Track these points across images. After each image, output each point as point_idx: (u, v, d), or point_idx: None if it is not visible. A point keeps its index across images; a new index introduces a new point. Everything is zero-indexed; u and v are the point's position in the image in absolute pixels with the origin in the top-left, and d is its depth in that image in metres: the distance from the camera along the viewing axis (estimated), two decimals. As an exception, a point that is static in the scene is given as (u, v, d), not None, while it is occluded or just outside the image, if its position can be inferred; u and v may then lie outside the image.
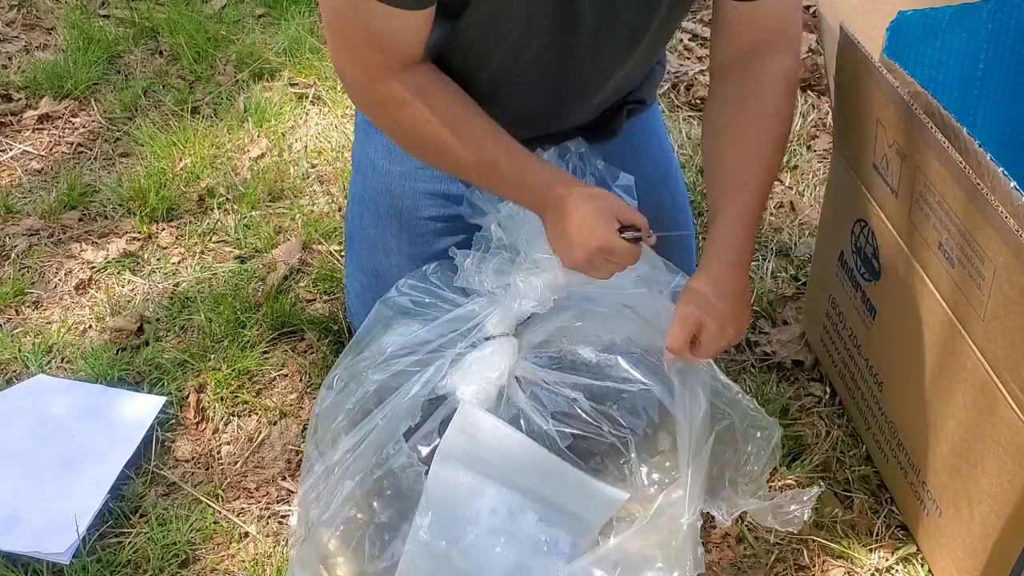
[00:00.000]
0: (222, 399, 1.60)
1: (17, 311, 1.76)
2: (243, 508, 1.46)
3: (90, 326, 1.73)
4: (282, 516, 1.45)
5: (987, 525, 1.22)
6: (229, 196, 2.00)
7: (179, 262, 1.86)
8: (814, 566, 1.39)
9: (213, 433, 1.56)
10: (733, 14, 1.26)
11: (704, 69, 2.41)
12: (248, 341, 1.68)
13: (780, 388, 1.63)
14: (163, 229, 1.93)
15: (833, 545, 1.41)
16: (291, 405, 1.60)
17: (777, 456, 1.20)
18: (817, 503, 1.35)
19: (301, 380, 1.63)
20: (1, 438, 1.52)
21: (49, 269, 1.85)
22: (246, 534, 1.42)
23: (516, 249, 1.23)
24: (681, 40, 2.53)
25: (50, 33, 2.52)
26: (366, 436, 1.18)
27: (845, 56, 1.35)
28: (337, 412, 1.22)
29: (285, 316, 1.72)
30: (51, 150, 2.14)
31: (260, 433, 1.56)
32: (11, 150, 2.13)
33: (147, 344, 1.69)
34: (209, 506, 1.45)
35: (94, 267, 1.85)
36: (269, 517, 1.44)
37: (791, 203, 2.00)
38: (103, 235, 1.92)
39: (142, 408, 1.56)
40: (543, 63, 1.24)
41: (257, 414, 1.59)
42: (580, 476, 1.15)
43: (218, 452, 1.53)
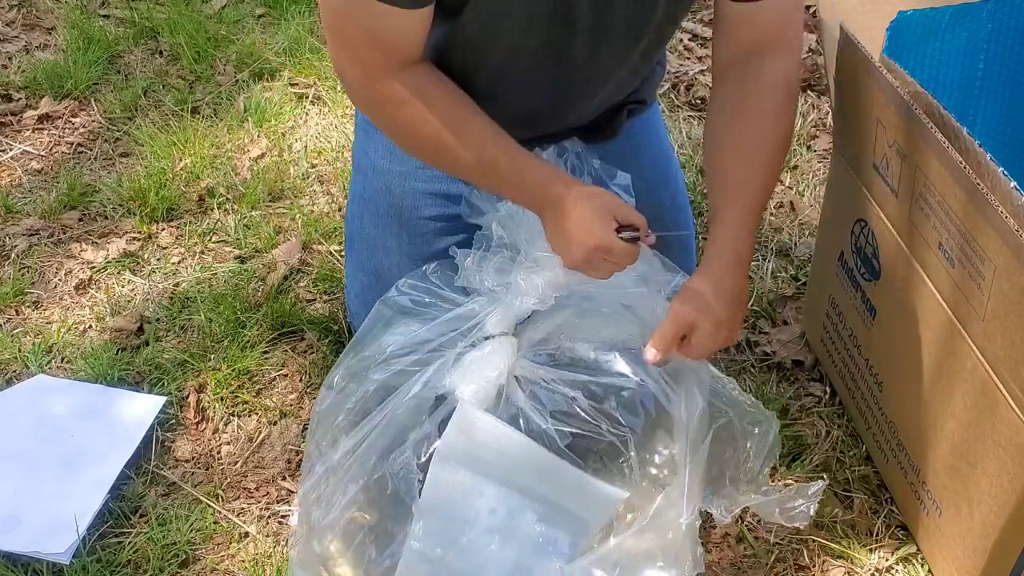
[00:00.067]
0: (222, 399, 1.60)
1: (17, 311, 1.76)
2: (243, 508, 1.46)
3: (90, 326, 1.73)
4: (282, 516, 1.45)
5: (987, 525, 1.22)
6: (229, 196, 2.00)
7: (179, 262, 1.86)
8: (814, 566, 1.39)
9: (213, 433, 1.56)
10: (733, 14, 1.26)
11: (704, 69, 2.41)
12: (248, 341, 1.68)
13: (780, 388, 1.63)
14: (163, 229, 1.93)
15: (833, 545, 1.41)
16: (291, 405, 1.60)
17: (777, 450, 1.19)
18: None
19: (301, 380, 1.63)
20: (1, 438, 1.52)
21: (49, 269, 1.85)
22: (246, 534, 1.42)
23: (516, 247, 1.23)
24: (681, 40, 2.53)
25: (50, 33, 2.52)
26: (367, 436, 1.18)
27: (845, 56, 1.35)
28: (337, 412, 1.22)
29: (285, 316, 1.72)
30: (51, 150, 2.14)
31: (260, 433, 1.56)
32: (11, 150, 2.13)
33: (147, 344, 1.69)
34: (209, 506, 1.45)
35: (94, 267, 1.85)
36: (269, 517, 1.44)
37: (791, 203, 2.00)
38: (103, 235, 1.92)
39: (142, 408, 1.56)
40: (542, 62, 1.24)
41: (257, 414, 1.59)
42: (579, 475, 1.15)
43: (218, 452, 1.53)
